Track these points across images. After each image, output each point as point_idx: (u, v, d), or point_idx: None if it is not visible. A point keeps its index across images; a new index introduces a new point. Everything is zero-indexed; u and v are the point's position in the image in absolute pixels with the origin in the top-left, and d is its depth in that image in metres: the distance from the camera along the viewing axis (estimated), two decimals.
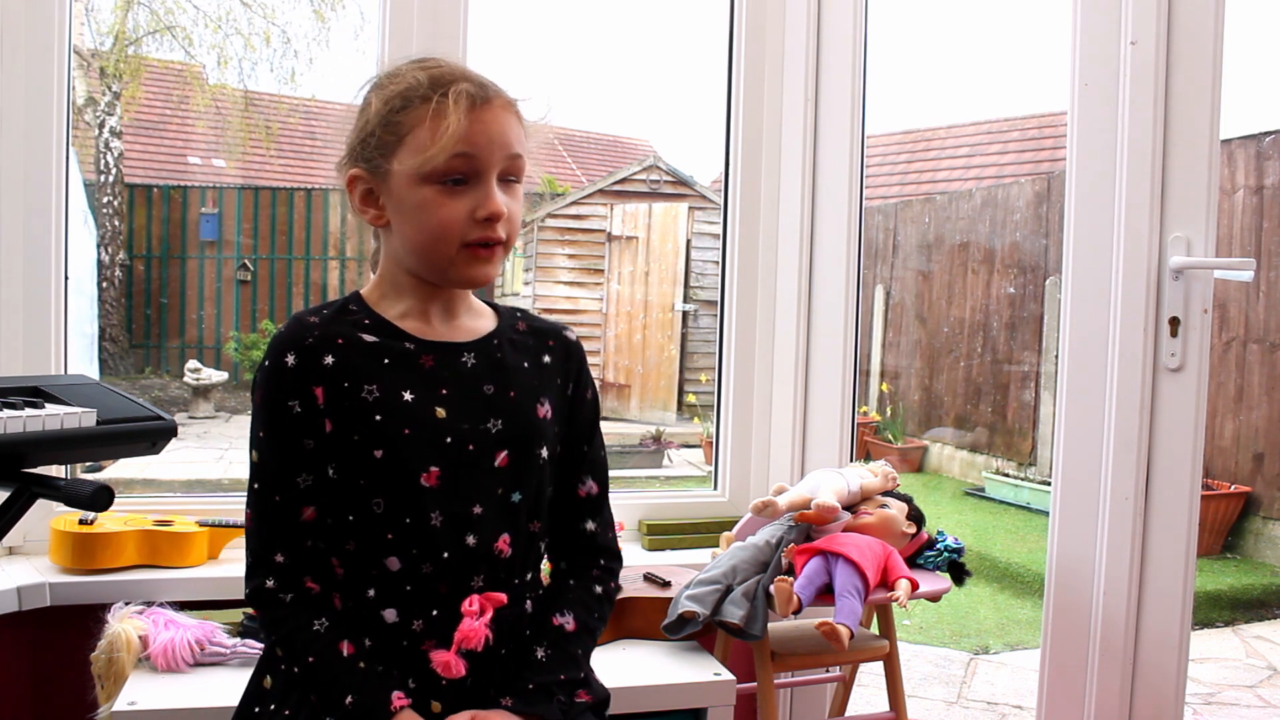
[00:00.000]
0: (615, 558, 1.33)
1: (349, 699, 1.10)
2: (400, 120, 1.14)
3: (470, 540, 1.16)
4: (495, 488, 1.18)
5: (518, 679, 1.18)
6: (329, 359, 1.15)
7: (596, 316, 7.63)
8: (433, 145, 1.11)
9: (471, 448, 1.17)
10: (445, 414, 1.17)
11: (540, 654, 1.20)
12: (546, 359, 1.26)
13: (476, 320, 1.25)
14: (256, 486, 1.17)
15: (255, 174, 7.59)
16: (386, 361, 1.17)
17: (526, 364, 1.24)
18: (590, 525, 1.30)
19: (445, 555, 1.15)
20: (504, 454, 1.19)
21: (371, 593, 1.16)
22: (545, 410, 1.23)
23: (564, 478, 1.28)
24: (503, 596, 1.17)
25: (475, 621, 1.14)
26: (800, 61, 2.17)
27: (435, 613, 1.15)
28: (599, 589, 1.29)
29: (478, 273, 1.18)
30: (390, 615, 1.15)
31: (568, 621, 1.23)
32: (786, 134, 2.20)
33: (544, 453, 1.22)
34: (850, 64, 2.14)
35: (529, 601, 1.23)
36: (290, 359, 1.15)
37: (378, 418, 1.14)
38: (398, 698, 1.11)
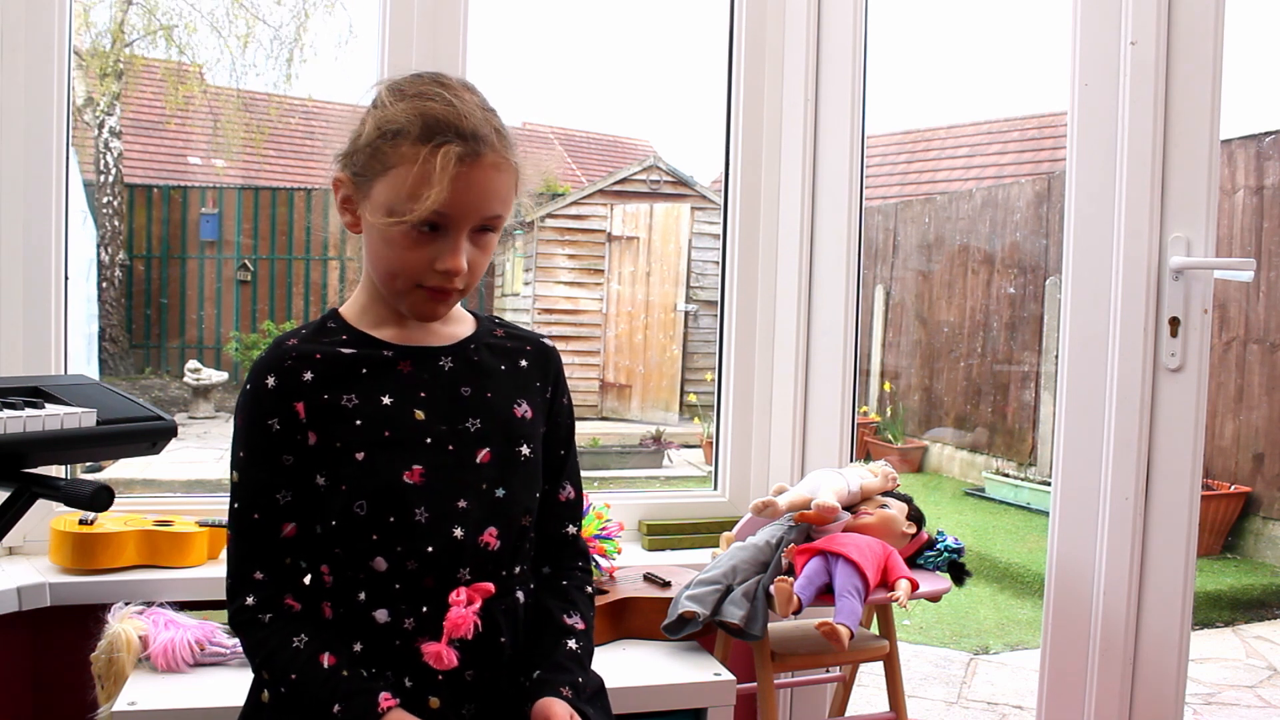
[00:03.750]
0: (589, 560, 1.38)
1: (336, 708, 1.10)
2: (387, 152, 1.12)
3: (458, 533, 1.17)
4: (480, 483, 1.20)
5: (563, 670, 1.20)
6: (308, 375, 1.17)
7: (596, 317, 7.63)
8: (409, 199, 1.10)
9: (452, 447, 1.19)
10: (424, 415, 1.19)
11: (574, 646, 1.23)
12: (524, 363, 1.28)
13: (455, 326, 1.26)
14: (237, 505, 1.19)
15: (255, 174, 7.60)
16: (364, 371, 1.19)
17: (504, 367, 1.26)
18: (570, 529, 1.33)
19: (430, 549, 1.16)
20: (485, 451, 1.21)
21: (362, 596, 1.17)
22: (524, 410, 1.25)
23: (544, 483, 1.29)
24: (490, 586, 1.18)
25: (463, 609, 1.15)
26: (800, 61, 2.17)
27: (425, 609, 1.16)
28: (589, 589, 1.33)
29: (427, 311, 1.19)
30: (382, 616, 1.16)
31: (577, 622, 1.26)
32: (786, 134, 2.20)
33: (525, 449, 1.23)
34: (850, 64, 2.14)
35: (520, 593, 1.24)
36: (270, 380, 1.17)
37: (358, 422, 1.16)
38: (385, 698, 1.11)
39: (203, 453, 6.02)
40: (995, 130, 8.22)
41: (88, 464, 2.78)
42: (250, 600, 1.17)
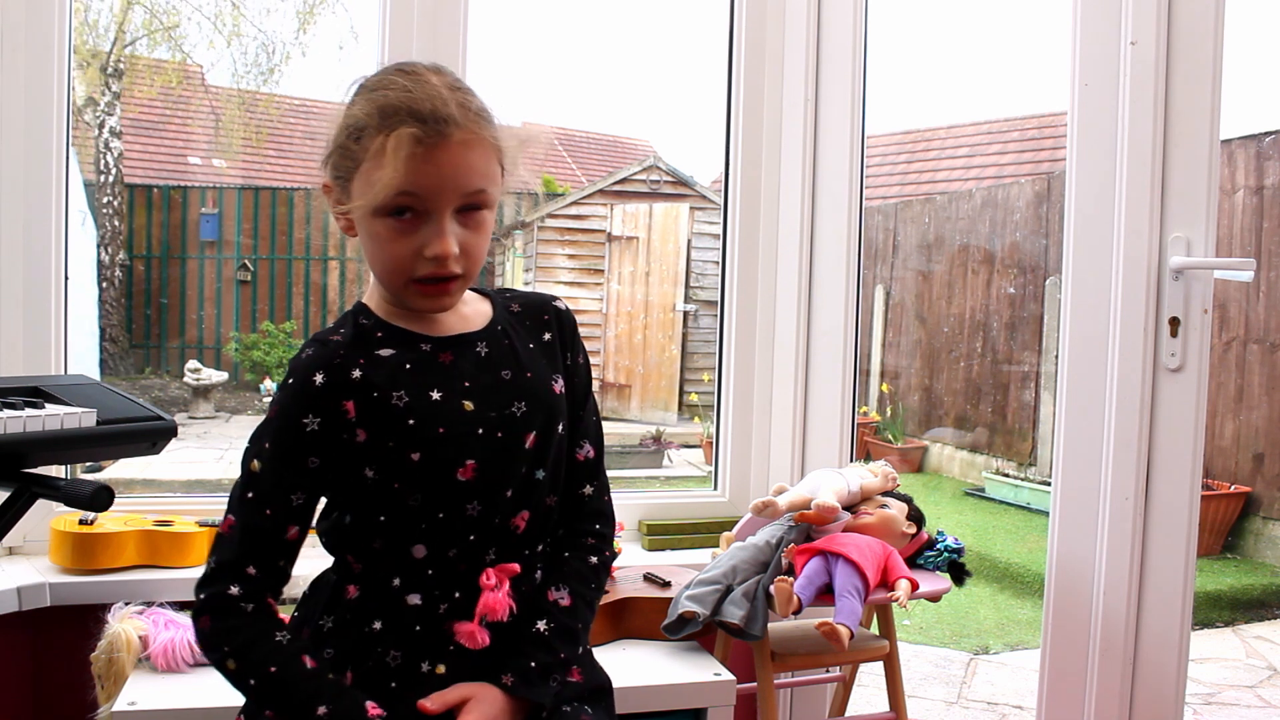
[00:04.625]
0: (609, 522, 1.34)
1: (321, 709, 1.09)
2: (354, 150, 1.12)
3: (497, 522, 1.19)
4: (523, 468, 1.20)
5: (519, 654, 1.19)
6: (356, 373, 1.16)
7: (596, 317, 7.63)
8: (373, 187, 1.09)
9: (501, 434, 1.19)
10: (472, 406, 1.18)
11: (542, 627, 1.21)
12: (547, 336, 1.28)
13: (475, 306, 1.26)
14: (250, 496, 1.16)
15: (255, 174, 7.60)
16: (409, 366, 1.18)
17: (533, 344, 1.26)
18: (588, 489, 1.31)
19: (472, 539, 1.17)
20: (532, 435, 1.21)
21: (396, 581, 1.17)
22: (559, 386, 1.25)
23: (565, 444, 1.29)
24: (516, 567, 1.20)
25: (497, 593, 1.16)
26: (800, 61, 2.17)
27: (458, 594, 1.17)
28: (594, 559, 1.30)
29: (430, 305, 1.18)
30: (414, 599, 1.17)
31: (563, 596, 1.24)
32: (786, 134, 2.20)
33: (560, 428, 1.24)
34: (850, 64, 2.14)
35: (540, 571, 1.25)
36: (319, 378, 1.15)
37: (410, 422, 1.15)
38: (372, 707, 1.11)
39: (203, 453, 6.02)
40: (995, 130, 8.22)
41: (88, 464, 2.78)
42: (235, 590, 1.13)
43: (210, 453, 6.01)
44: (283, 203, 7.27)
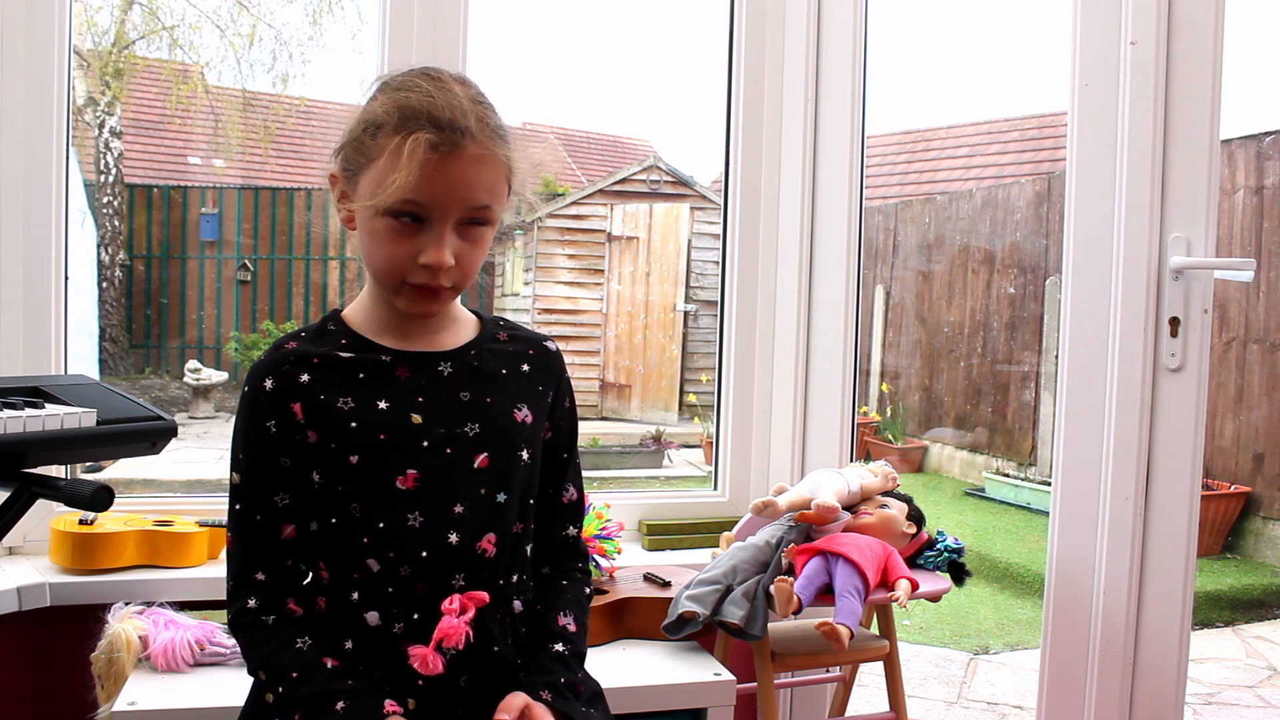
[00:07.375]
0: (589, 561, 1.39)
1: (339, 704, 1.10)
2: (369, 145, 1.12)
3: (452, 538, 1.16)
4: (477, 488, 1.19)
5: (546, 671, 1.20)
6: (305, 377, 1.17)
7: (596, 317, 7.63)
8: (383, 187, 1.10)
9: (449, 450, 1.18)
10: (421, 419, 1.18)
11: (561, 649, 1.23)
12: (526, 367, 1.27)
13: (458, 331, 1.26)
14: (237, 507, 1.19)
15: (255, 174, 7.60)
16: (362, 375, 1.19)
17: (505, 371, 1.25)
18: (571, 531, 1.33)
19: (424, 555, 1.15)
20: (483, 456, 1.20)
21: (355, 596, 1.16)
22: (524, 415, 1.24)
23: (547, 485, 1.29)
24: (484, 596, 1.17)
25: (455, 619, 1.14)
26: (800, 61, 2.17)
27: (416, 616, 1.16)
28: (587, 590, 1.33)
29: (419, 309, 1.18)
30: (373, 618, 1.16)
31: (570, 623, 1.26)
32: (786, 134, 2.20)
33: (524, 455, 1.23)
34: (850, 64, 2.14)
35: (518, 602, 1.23)
36: (268, 383, 1.17)
37: (353, 425, 1.16)
38: (389, 704, 1.11)
39: (203, 453, 6.02)
40: (995, 130, 8.22)
41: (88, 464, 2.78)
42: (253, 603, 1.17)
43: (210, 453, 6.02)
44: (283, 203, 7.27)
